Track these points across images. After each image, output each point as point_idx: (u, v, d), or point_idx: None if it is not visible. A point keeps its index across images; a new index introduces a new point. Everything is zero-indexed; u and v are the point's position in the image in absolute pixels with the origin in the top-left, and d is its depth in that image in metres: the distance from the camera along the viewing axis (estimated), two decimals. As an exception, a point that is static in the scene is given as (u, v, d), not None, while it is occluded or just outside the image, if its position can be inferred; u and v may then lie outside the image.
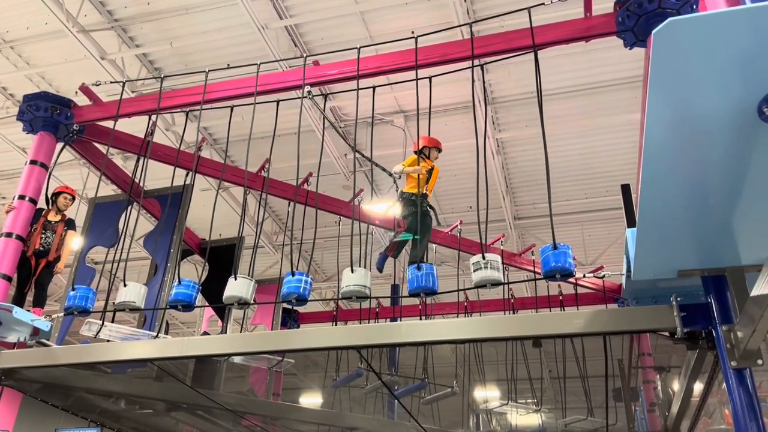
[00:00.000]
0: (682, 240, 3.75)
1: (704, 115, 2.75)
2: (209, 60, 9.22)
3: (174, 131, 10.65)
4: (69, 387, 7.12)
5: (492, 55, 6.00)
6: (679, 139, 2.94)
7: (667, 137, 2.92)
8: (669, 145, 2.94)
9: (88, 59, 9.27)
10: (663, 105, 2.72)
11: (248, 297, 5.38)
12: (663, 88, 2.62)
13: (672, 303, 4.35)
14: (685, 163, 3.06)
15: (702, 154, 3.00)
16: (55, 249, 7.09)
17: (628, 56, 9.57)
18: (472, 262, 5.00)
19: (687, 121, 2.81)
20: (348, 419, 8.36)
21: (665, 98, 2.68)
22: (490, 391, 9.42)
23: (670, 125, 2.85)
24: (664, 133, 2.89)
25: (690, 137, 2.92)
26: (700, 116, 2.76)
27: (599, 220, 12.93)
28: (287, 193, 8.58)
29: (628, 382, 10.21)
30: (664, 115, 2.75)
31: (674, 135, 2.92)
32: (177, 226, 8.08)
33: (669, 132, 2.90)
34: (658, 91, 2.64)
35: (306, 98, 6.17)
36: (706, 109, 2.72)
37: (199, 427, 9.41)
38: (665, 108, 2.74)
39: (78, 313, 5.79)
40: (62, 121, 7.20)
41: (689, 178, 3.17)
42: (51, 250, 7.05)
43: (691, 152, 3.02)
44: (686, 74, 2.54)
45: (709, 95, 2.64)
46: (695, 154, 3.02)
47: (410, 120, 10.62)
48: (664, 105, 2.72)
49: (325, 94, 8.32)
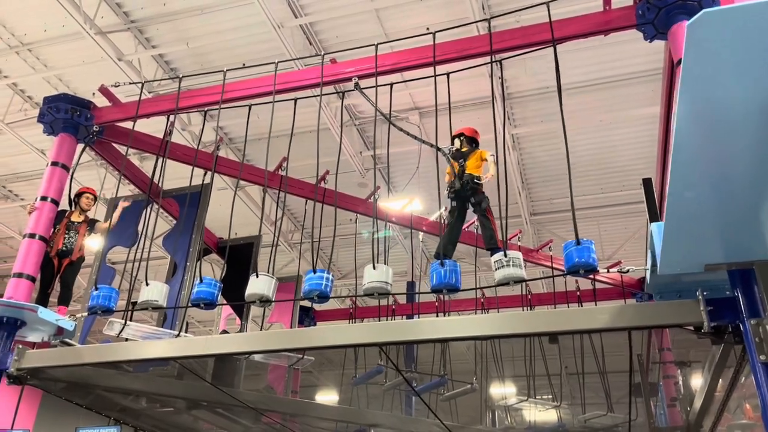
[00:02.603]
0: (709, 233, 3.72)
1: (735, 106, 2.73)
2: (225, 60, 9.24)
3: (190, 131, 10.70)
4: (92, 386, 7.18)
5: (510, 51, 5.98)
6: (709, 130, 2.92)
7: (698, 128, 2.90)
8: (699, 137, 2.91)
9: (105, 61, 9.34)
10: (694, 96, 2.70)
11: (270, 294, 5.40)
12: (695, 79, 2.60)
13: (698, 297, 4.31)
14: (714, 154, 3.04)
15: (731, 146, 2.98)
16: (78, 249, 7.14)
17: (644, 50, 9.53)
18: (494, 260, 4.99)
19: (717, 113, 2.79)
20: (369, 416, 8.37)
21: (697, 89, 2.66)
22: (508, 388, 9.40)
23: (701, 117, 2.83)
24: (694, 124, 2.87)
25: (720, 128, 2.89)
26: (731, 108, 2.74)
27: (616, 215, 12.86)
28: (304, 191, 8.60)
29: (647, 377, 10.16)
30: (695, 106, 2.73)
31: (704, 126, 2.89)
32: (196, 225, 8.13)
33: (699, 123, 2.88)
34: (690, 83, 2.62)
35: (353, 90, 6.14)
36: (737, 100, 2.70)
37: (218, 424, 9.47)
38: (696, 99, 2.71)
39: (101, 312, 5.83)
40: (82, 122, 7.25)
41: (718, 171, 3.14)
42: (74, 250, 7.11)
43: (721, 144, 3.00)
44: (719, 65, 2.52)
45: (741, 87, 2.62)
46: (725, 145, 3.00)
47: (425, 117, 10.61)
48: (695, 96, 2.70)
49: (340, 92, 8.34)
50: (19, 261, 6.54)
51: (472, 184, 5.85)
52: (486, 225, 5.78)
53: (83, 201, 7.52)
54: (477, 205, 5.85)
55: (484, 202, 5.82)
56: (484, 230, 5.80)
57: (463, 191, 5.89)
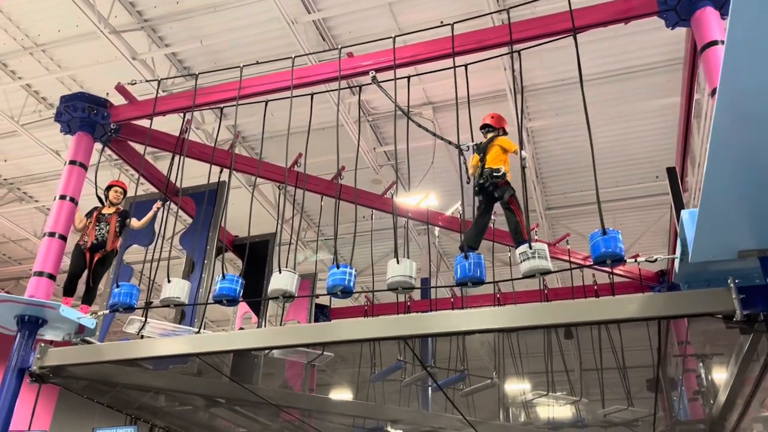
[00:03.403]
0: (743, 219, 3.66)
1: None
2: (239, 57, 9.22)
3: (204, 129, 10.70)
4: (112, 383, 7.18)
5: (529, 41, 5.92)
6: (747, 115, 2.86)
7: (736, 114, 2.84)
8: (740, 120, 2.86)
9: (119, 60, 9.34)
10: (736, 79, 2.64)
11: (293, 290, 5.37)
12: (737, 61, 2.54)
13: (729, 285, 4.25)
14: (754, 139, 2.98)
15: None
16: (111, 241, 7.07)
17: (660, 40, 9.46)
18: (519, 252, 4.94)
19: (759, 98, 2.73)
20: (389, 412, 8.34)
21: (739, 72, 2.60)
22: (527, 383, 9.34)
23: (740, 101, 2.77)
24: (733, 109, 2.81)
25: (759, 114, 2.83)
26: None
27: (631, 208, 12.76)
28: (320, 188, 8.58)
29: (667, 371, 10.07)
30: (738, 86, 2.67)
31: (743, 111, 2.83)
32: (213, 223, 8.12)
33: (738, 108, 2.82)
34: (733, 65, 2.56)
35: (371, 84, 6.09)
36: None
37: (236, 422, 9.47)
38: (738, 82, 2.65)
39: (123, 309, 5.83)
40: (99, 121, 7.27)
41: (756, 156, 3.08)
42: (107, 242, 7.04)
43: (759, 129, 2.94)
44: (764, 46, 2.46)
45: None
46: (763, 131, 2.94)
47: (438, 111, 10.56)
48: (736, 79, 2.64)
49: (353, 86, 8.31)
50: (40, 259, 6.56)
51: (491, 179, 5.73)
52: (510, 218, 5.67)
53: (111, 194, 7.43)
54: (500, 199, 5.74)
55: (507, 193, 5.68)
56: (509, 223, 5.69)
57: (485, 186, 5.79)
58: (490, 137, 6.04)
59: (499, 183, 5.71)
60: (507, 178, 5.76)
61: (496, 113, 6.29)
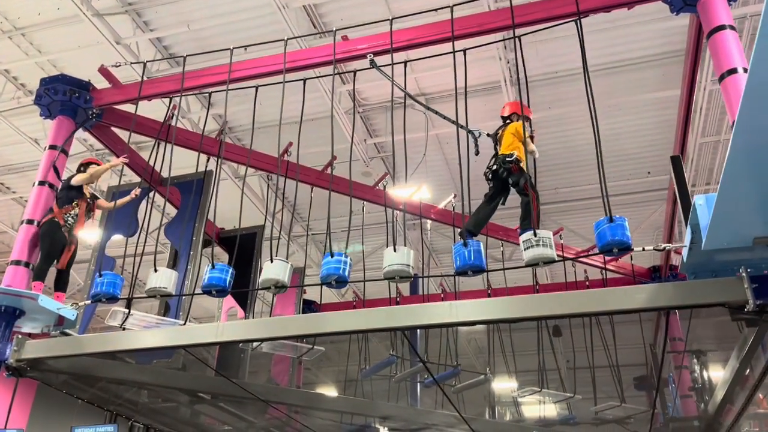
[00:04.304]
0: (762, 205, 3.52)
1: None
2: (226, 44, 8.85)
3: (189, 118, 10.41)
4: (93, 378, 6.89)
5: (532, 24, 5.75)
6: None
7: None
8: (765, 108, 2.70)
9: (101, 45, 9.01)
10: None
11: (286, 280, 5.14)
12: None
13: (741, 275, 4.11)
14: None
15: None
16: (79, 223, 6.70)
17: (654, 33, 9.35)
18: (523, 240, 4.77)
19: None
20: (381, 408, 8.13)
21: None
22: (519, 379, 9.19)
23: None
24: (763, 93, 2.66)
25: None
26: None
27: (622, 205, 12.63)
28: (310, 178, 8.35)
29: (659, 368, 9.99)
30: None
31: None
32: (199, 214, 7.86)
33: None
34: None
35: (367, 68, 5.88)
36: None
37: (221, 419, 9.21)
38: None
39: (106, 300, 5.55)
40: (81, 104, 6.99)
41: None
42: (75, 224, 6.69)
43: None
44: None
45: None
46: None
47: (431, 102, 10.37)
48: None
49: (341, 72, 8.07)
50: (17, 248, 6.27)
51: (504, 165, 5.59)
52: (524, 202, 5.54)
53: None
54: (515, 186, 5.61)
55: (522, 179, 5.54)
56: (522, 208, 5.56)
57: (498, 172, 5.63)
58: (504, 123, 5.92)
59: (513, 169, 5.56)
60: (521, 164, 5.58)
61: (514, 102, 6.20)
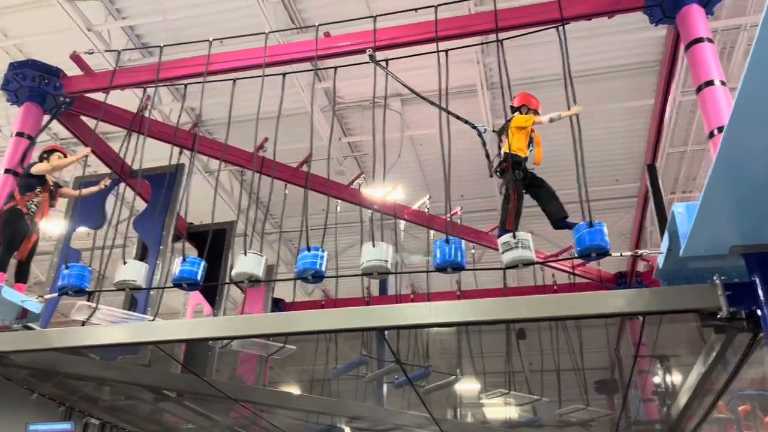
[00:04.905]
0: (740, 216, 3.61)
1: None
2: (202, 35, 8.70)
3: (160, 110, 10.19)
4: (54, 373, 6.68)
5: (514, 29, 5.78)
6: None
7: (759, 108, 2.74)
8: (758, 117, 2.76)
9: (72, 30, 8.74)
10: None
11: (260, 273, 5.06)
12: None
13: (716, 282, 4.19)
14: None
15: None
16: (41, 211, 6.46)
17: (628, 43, 9.52)
18: (502, 242, 4.79)
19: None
20: (351, 408, 8.08)
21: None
22: (486, 381, 9.26)
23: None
24: (757, 102, 2.71)
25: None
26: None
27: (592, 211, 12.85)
28: (285, 175, 8.26)
29: (623, 371, 10.18)
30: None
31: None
32: (170, 207, 7.70)
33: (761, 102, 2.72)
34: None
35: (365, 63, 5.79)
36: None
37: (185, 417, 9.04)
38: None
39: (73, 292, 5.37)
40: (50, 91, 6.77)
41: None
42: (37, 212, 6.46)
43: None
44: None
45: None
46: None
47: (406, 104, 10.38)
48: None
49: (315, 69, 7.99)
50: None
51: (499, 165, 5.56)
52: (503, 205, 5.51)
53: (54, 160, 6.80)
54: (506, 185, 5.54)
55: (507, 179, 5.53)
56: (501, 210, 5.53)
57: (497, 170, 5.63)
58: (509, 118, 5.83)
59: (506, 168, 5.51)
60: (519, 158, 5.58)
61: (523, 93, 6.09)
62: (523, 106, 5.95)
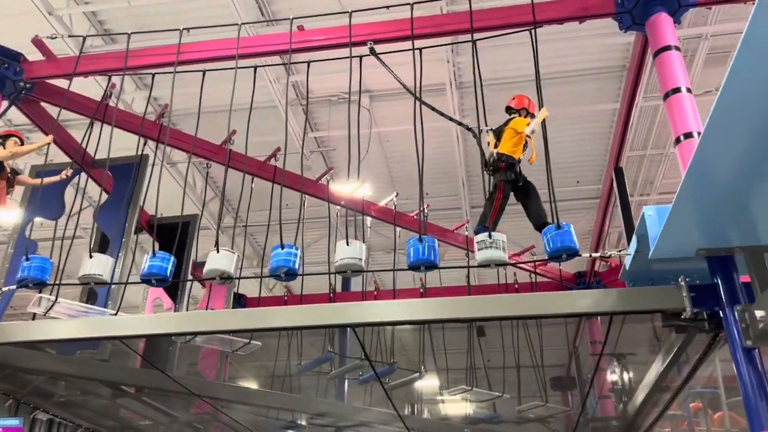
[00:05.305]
0: (709, 220, 3.73)
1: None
2: (168, 24, 8.49)
3: (123, 99, 9.92)
4: (6, 367, 6.44)
5: (489, 30, 5.84)
6: (753, 110, 2.83)
7: (739, 108, 2.82)
8: (738, 117, 2.84)
9: (32, 13, 8.41)
10: (747, 73, 2.59)
11: (232, 270, 5.00)
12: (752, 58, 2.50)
13: (680, 284, 4.32)
14: (744, 138, 2.98)
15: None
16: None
17: (595, 48, 9.72)
18: (477, 241, 4.83)
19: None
20: (317, 405, 8.04)
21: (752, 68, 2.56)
22: (449, 378, 9.35)
23: (747, 97, 2.73)
24: (737, 103, 2.79)
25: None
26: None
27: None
28: (252, 169, 8.13)
29: (581, 369, 10.41)
30: (745, 83, 2.63)
31: (746, 107, 2.81)
32: (133, 199, 7.52)
33: (742, 103, 2.80)
34: (746, 60, 2.52)
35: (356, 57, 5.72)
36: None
37: (144, 414, 8.85)
38: (748, 76, 2.62)
39: (33, 285, 5.20)
40: (10, 76, 6.54)
41: (743, 157, 3.10)
42: None
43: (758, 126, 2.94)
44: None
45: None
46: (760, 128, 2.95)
47: (375, 100, 10.38)
48: (747, 73, 2.60)
49: (294, 62, 7.92)
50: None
51: (492, 164, 5.59)
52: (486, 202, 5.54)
53: (9, 146, 6.54)
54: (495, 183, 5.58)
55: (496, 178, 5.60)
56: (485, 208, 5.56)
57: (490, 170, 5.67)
58: (507, 119, 5.86)
59: (500, 167, 5.54)
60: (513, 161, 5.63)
61: (520, 95, 6.14)
62: (523, 109, 6.02)
